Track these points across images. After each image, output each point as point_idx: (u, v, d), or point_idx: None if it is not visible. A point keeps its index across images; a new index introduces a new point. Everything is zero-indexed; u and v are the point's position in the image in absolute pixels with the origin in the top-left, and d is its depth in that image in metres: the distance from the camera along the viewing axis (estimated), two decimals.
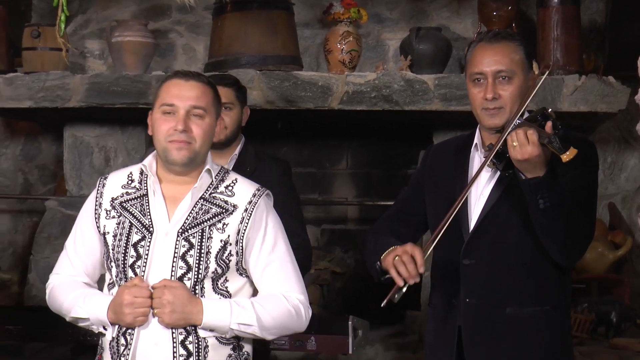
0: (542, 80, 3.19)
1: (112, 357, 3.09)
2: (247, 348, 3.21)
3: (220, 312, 3.04)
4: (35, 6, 6.74)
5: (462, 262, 3.28)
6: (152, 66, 5.64)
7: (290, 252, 3.24)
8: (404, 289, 3.11)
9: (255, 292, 3.20)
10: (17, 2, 6.33)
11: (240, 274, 3.14)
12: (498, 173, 3.22)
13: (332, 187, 6.43)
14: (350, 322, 3.95)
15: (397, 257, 3.12)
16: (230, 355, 3.13)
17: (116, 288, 3.11)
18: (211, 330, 3.05)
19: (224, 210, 3.11)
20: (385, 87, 5.19)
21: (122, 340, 3.06)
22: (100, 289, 3.23)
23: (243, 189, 3.17)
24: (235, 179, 3.20)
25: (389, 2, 6.13)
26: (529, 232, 3.18)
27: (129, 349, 3.04)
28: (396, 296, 3.13)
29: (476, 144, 3.34)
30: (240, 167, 4.34)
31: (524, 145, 2.97)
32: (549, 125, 2.98)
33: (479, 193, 3.28)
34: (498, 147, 3.10)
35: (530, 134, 2.97)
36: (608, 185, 6.25)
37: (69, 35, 5.62)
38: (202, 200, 3.12)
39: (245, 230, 3.10)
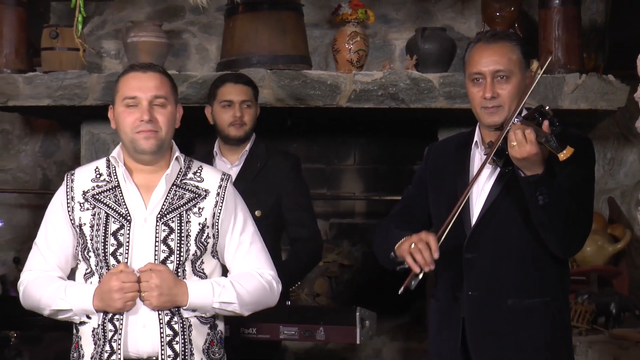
0: (543, 70, 3.19)
1: (95, 344, 3.11)
2: (221, 327, 3.28)
3: (203, 293, 3.11)
4: (54, 8, 6.74)
5: (465, 256, 3.28)
6: (166, 65, 5.62)
7: (257, 232, 3.31)
8: (420, 276, 3.12)
9: (224, 273, 3.27)
10: (36, 4, 6.32)
11: (213, 256, 3.22)
12: (498, 169, 3.23)
13: (340, 183, 6.43)
14: (357, 313, 3.94)
15: (413, 245, 3.12)
16: (208, 334, 3.20)
17: (95, 277, 3.14)
18: (194, 310, 3.11)
19: (197, 195, 3.17)
20: (392, 86, 5.19)
21: (110, 326, 3.08)
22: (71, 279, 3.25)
23: (210, 175, 3.24)
24: (200, 166, 3.26)
25: (395, 3, 6.12)
26: (528, 226, 3.18)
27: (120, 334, 3.06)
28: (413, 283, 3.14)
29: (476, 141, 3.35)
30: (251, 162, 4.35)
31: (522, 145, 2.98)
32: (545, 124, 2.98)
33: (480, 189, 3.29)
34: (498, 144, 3.10)
35: (528, 133, 2.97)
36: (607, 181, 6.23)
37: (86, 35, 5.62)
38: (174, 186, 3.17)
39: (220, 213, 3.17)
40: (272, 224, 4.29)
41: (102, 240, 3.11)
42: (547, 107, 3.07)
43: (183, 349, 3.10)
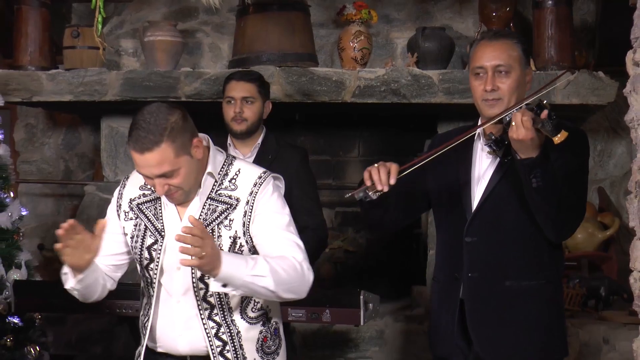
0: (559, 78, 3.21)
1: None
2: (276, 318, 3.18)
3: (236, 263, 2.82)
4: (75, 9, 6.75)
5: (465, 240, 3.29)
6: (180, 63, 5.64)
7: (293, 225, 3.06)
8: (370, 193, 3.12)
9: None
10: (58, 5, 6.33)
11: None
12: (498, 159, 3.23)
13: (345, 173, 6.42)
14: (361, 296, 3.94)
15: (375, 165, 3.16)
16: (260, 332, 3.09)
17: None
18: (224, 285, 2.79)
19: (229, 206, 2.99)
20: (394, 82, 5.18)
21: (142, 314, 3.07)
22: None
23: (244, 181, 3.03)
24: (239, 170, 3.06)
25: (397, 3, 6.11)
26: (525, 212, 3.19)
27: (146, 327, 3.06)
28: (361, 194, 3.15)
29: (478, 133, 3.34)
30: (263, 155, 4.35)
31: (519, 127, 2.99)
32: (544, 113, 2.99)
33: (480, 176, 3.30)
34: (487, 125, 3.16)
35: (525, 119, 2.98)
36: (598, 171, 6.23)
37: (105, 35, 5.63)
38: (208, 199, 3.00)
39: (249, 222, 2.98)
40: None
41: (139, 253, 3.02)
42: (545, 101, 3.07)
43: (235, 356, 3.00)
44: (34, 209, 6.67)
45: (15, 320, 4.66)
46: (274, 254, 2.93)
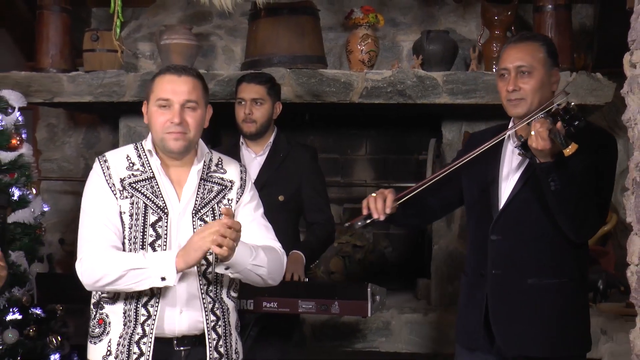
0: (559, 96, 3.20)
1: (125, 325, 3.03)
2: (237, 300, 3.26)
3: (244, 252, 2.94)
4: (94, 13, 6.76)
5: (490, 238, 3.29)
6: (195, 65, 5.64)
7: (264, 216, 3.24)
8: (368, 221, 3.21)
9: None
10: (78, 10, 6.34)
11: None
12: (527, 162, 3.21)
13: (353, 171, 6.42)
14: (369, 289, 3.93)
15: (374, 194, 3.22)
16: (238, 311, 3.23)
17: None
18: (227, 268, 2.91)
19: (224, 187, 3.12)
20: (400, 83, 5.18)
21: (143, 311, 3.01)
22: None
23: (231, 167, 3.20)
24: (220, 158, 3.20)
25: (402, 8, 6.10)
26: (547, 214, 3.17)
27: (154, 319, 3.01)
28: (359, 223, 3.23)
29: (509, 134, 3.33)
30: (274, 153, 4.35)
31: (537, 137, 2.97)
32: (559, 124, 2.98)
33: (509, 177, 3.30)
34: (516, 128, 3.17)
35: (541, 131, 2.97)
36: None
37: (123, 38, 5.63)
38: (202, 181, 3.09)
39: (239, 199, 3.15)
40: (293, 208, 4.30)
41: (142, 230, 2.99)
42: (573, 104, 3.05)
43: (224, 331, 3.08)
44: (55, 205, 6.68)
45: (38, 311, 4.68)
46: (260, 243, 3.08)
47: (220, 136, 5.97)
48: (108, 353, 3.01)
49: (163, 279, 2.87)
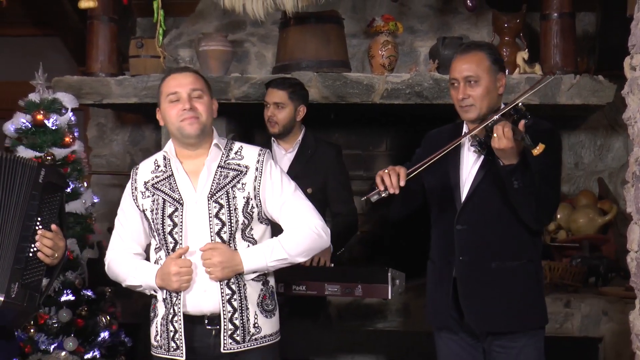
0: (546, 82, 3.21)
1: (165, 308, 3.14)
2: (272, 282, 3.23)
3: (255, 257, 3.06)
4: (139, 23, 6.79)
5: (456, 228, 3.33)
6: (230, 69, 5.65)
7: (299, 190, 3.22)
8: (383, 194, 3.15)
9: (276, 233, 3.19)
10: (125, 20, 6.36)
11: (261, 222, 3.16)
12: (482, 157, 3.26)
13: (374, 165, 6.41)
14: (389, 274, 3.94)
15: (385, 170, 3.19)
16: (261, 289, 3.16)
17: (161, 251, 3.14)
18: (254, 272, 3.08)
19: (239, 172, 3.12)
20: (417, 85, 5.16)
21: (175, 294, 3.10)
22: (148, 251, 3.27)
23: (249, 152, 3.18)
24: (241, 146, 3.21)
25: (420, 16, 6.08)
26: (506, 204, 3.21)
27: (179, 299, 3.09)
28: (375, 197, 3.17)
29: (465, 132, 3.36)
30: (303, 150, 4.37)
31: (501, 138, 3.03)
32: (521, 124, 3.04)
33: (468, 172, 3.34)
34: (474, 132, 3.19)
35: (507, 131, 3.01)
36: (597, 164, 6.20)
37: (165, 45, 5.64)
38: (219, 168, 3.12)
39: (259, 185, 3.11)
40: (320, 200, 4.30)
41: (161, 222, 3.11)
42: (520, 104, 3.09)
43: (240, 304, 3.08)
44: (104, 197, 6.70)
45: (89, 293, 4.72)
46: (291, 223, 3.11)
47: (253, 134, 5.97)
48: (157, 332, 3.18)
49: (155, 291, 3.17)
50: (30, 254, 3.00)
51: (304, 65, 5.36)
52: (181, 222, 3.09)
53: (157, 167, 3.21)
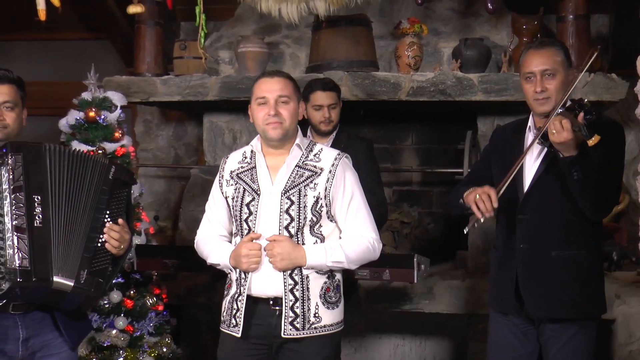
0: (587, 66, 3.16)
1: (236, 287, 3.19)
2: (339, 276, 3.24)
3: (318, 255, 3.10)
4: (183, 26, 6.82)
5: (518, 217, 3.28)
6: (266, 69, 5.66)
7: (365, 201, 3.24)
8: (482, 220, 3.11)
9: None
10: (169, 23, 6.40)
11: (330, 220, 3.17)
12: (545, 149, 3.19)
13: (401, 158, 6.40)
14: (415, 259, 3.94)
15: (477, 196, 3.11)
16: (325, 282, 3.17)
17: (238, 237, 3.19)
18: (312, 268, 3.11)
19: (314, 173, 3.14)
20: (441, 83, 5.15)
21: (244, 275, 3.15)
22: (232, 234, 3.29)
23: (327, 155, 3.20)
24: (321, 149, 3.23)
25: (444, 19, 6.06)
26: (566, 194, 3.15)
27: (246, 281, 3.13)
28: (475, 225, 3.15)
29: (529, 126, 3.32)
30: (337, 144, 4.38)
31: (559, 132, 2.95)
32: (580, 116, 2.95)
33: (531, 164, 3.28)
34: (545, 127, 3.07)
35: (564, 123, 2.94)
36: None
37: (207, 47, 5.68)
38: (297, 167, 3.15)
39: (330, 187, 3.12)
40: None
41: (239, 209, 3.16)
42: (586, 100, 3.02)
43: (302, 294, 3.10)
44: (151, 187, 6.78)
45: (137, 276, 4.76)
46: (351, 230, 3.17)
47: None
48: (224, 308, 3.25)
49: (231, 270, 3.23)
50: (99, 244, 3.05)
51: (335, 65, 5.36)
52: (256, 211, 3.14)
53: (244, 159, 3.27)
